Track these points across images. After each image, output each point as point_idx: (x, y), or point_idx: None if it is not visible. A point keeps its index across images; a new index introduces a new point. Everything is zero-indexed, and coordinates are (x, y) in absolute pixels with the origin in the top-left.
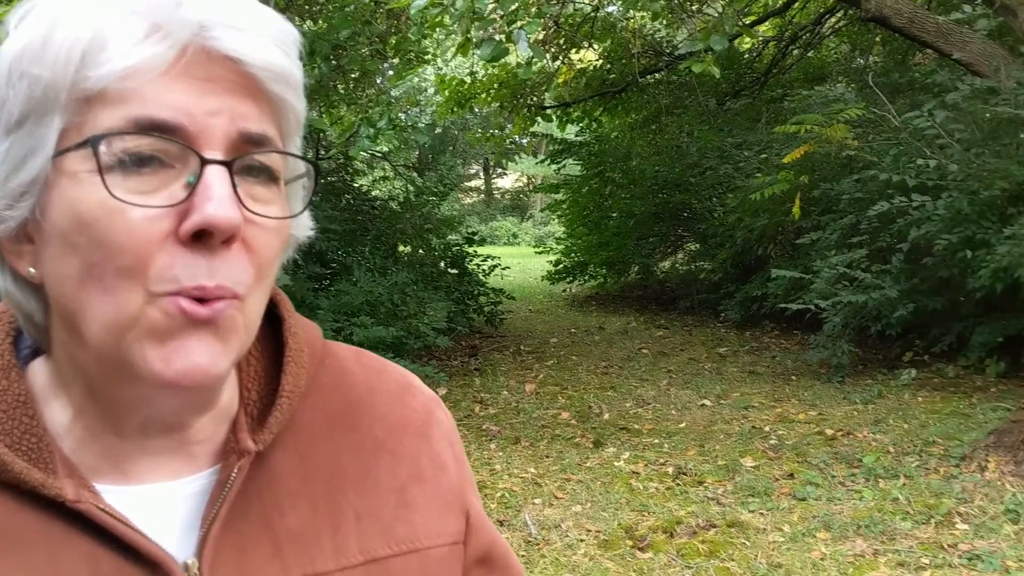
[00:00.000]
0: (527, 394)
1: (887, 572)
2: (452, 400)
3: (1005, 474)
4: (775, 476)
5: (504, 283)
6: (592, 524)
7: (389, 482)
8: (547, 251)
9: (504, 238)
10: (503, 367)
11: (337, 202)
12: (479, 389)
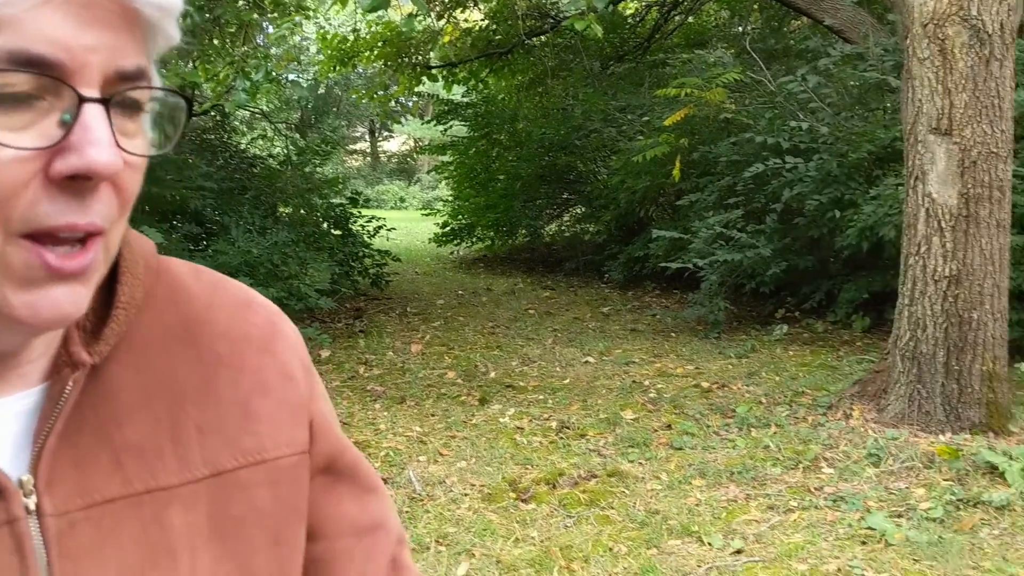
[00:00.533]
0: (413, 355)
1: (758, 515)
2: (336, 362)
3: (868, 421)
4: (654, 427)
5: (391, 246)
6: (476, 479)
7: (231, 395)
8: (434, 214)
9: (391, 202)
10: (389, 329)
11: (213, 159)
12: (364, 351)
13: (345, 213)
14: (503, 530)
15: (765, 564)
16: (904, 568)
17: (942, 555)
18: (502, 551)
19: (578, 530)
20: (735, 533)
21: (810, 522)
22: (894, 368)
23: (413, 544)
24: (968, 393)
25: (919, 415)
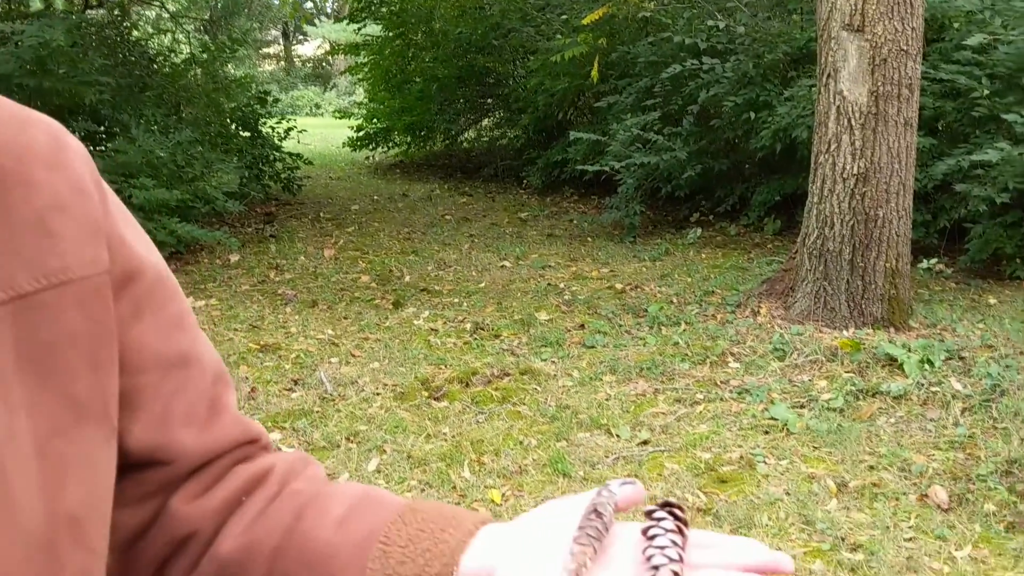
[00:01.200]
0: (326, 259)
1: (665, 408)
2: (246, 266)
3: (775, 318)
4: (567, 328)
5: (304, 151)
6: (389, 379)
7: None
8: (349, 117)
9: (306, 108)
10: (301, 234)
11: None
12: (275, 256)
13: (253, 114)
14: (415, 427)
15: (670, 453)
16: (804, 455)
17: (840, 442)
18: (413, 447)
19: (490, 425)
20: (642, 425)
21: (715, 414)
22: (801, 266)
23: (324, 442)
24: (872, 289)
25: (824, 311)
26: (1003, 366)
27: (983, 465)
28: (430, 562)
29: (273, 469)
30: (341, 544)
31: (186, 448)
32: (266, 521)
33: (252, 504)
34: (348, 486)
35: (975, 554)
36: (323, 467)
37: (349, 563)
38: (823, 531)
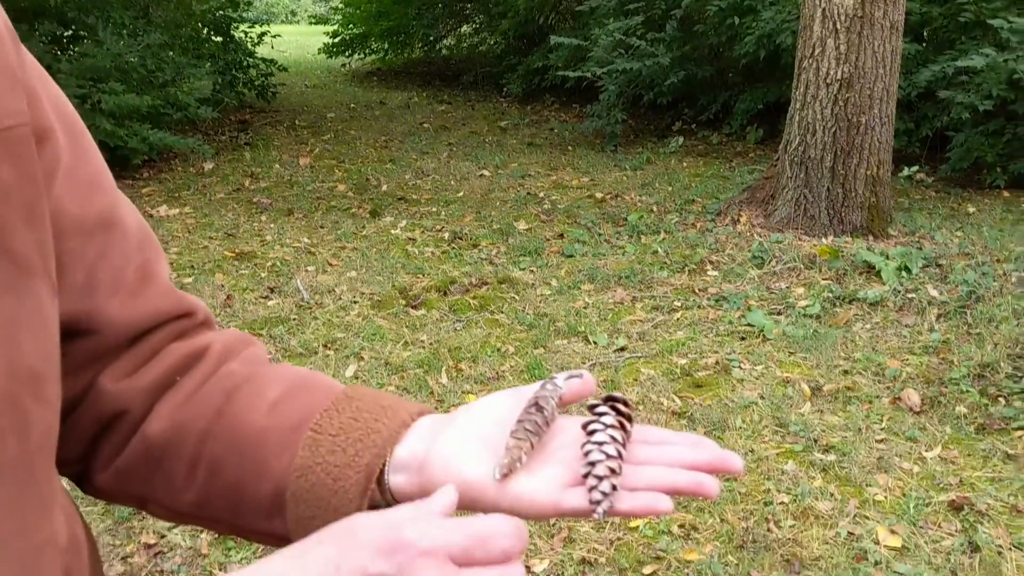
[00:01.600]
0: (302, 168)
1: (643, 316)
2: (220, 174)
3: (754, 226)
4: (546, 237)
5: (279, 58)
6: (366, 287)
7: None
8: (325, 23)
9: (282, 15)
10: (276, 142)
11: None
12: (250, 163)
13: (226, 18)
14: (392, 334)
15: (647, 359)
16: (779, 360)
17: (816, 347)
18: (391, 354)
19: (467, 333)
20: (620, 332)
21: (692, 320)
22: (783, 174)
23: (300, 349)
24: (852, 197)
25: (804, 219)
26: (979, 273)
27: (956, 369)
28: (361, 452)
29: (210, 348)
30: (271, 430)
31: (113, 318)
32: (197, 402)
33: (185, 384)
34: (286, 369)
35: (945, 454)
36: (264, 348)
37: (278, 450)
38: (796, 433)
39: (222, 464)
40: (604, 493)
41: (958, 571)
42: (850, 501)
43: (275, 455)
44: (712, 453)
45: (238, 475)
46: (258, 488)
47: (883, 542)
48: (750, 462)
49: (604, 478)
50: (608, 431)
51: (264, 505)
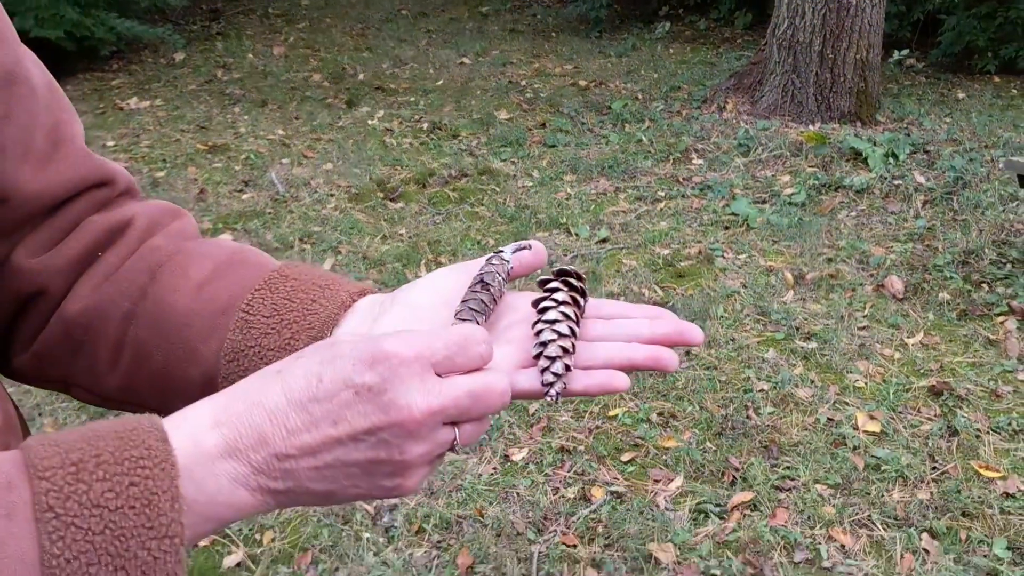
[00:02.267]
0: (275, 58)
1: (626, 206)
2: (192, 65)
3: (741, 113)
4: (528, 126)
5: None
6: (343, 180)
7: None
8: None
9: None
10: (249, 31)
11: None
12: (222, 53)
13: None
14: (370, 228)
15: (629, 251)
16: (763, 249)
17: (800, 235)
18: (369, 247)
19: (447, 226)
20: (602, 223)
21: (676, 210)
22: (770, 59)
23: (277, 243)
24: (840, 82)
25: (791, 105)
26: (967, 159)
27: (940, 256)
28: (297, 335)
29: (133, 221)
30: (199, 311)
31: (24, 186)
32: (119, 281)
33: (106, 261)
34: (216, 244)
35: (926, 341)
36: (194, 221)
37: (207, 333)
38: (778, 321)
39: (147, 348)
40: (556, 374)
41: (935, 454)
42: (830, 388)
43: (203, 339)
44: (670, 325)
45: (165, 360)
46: (187, 373)
47: (862, 427)
48: (730, 351)
49: (556, 359)
50: (560, 308)
51: (195, 391)
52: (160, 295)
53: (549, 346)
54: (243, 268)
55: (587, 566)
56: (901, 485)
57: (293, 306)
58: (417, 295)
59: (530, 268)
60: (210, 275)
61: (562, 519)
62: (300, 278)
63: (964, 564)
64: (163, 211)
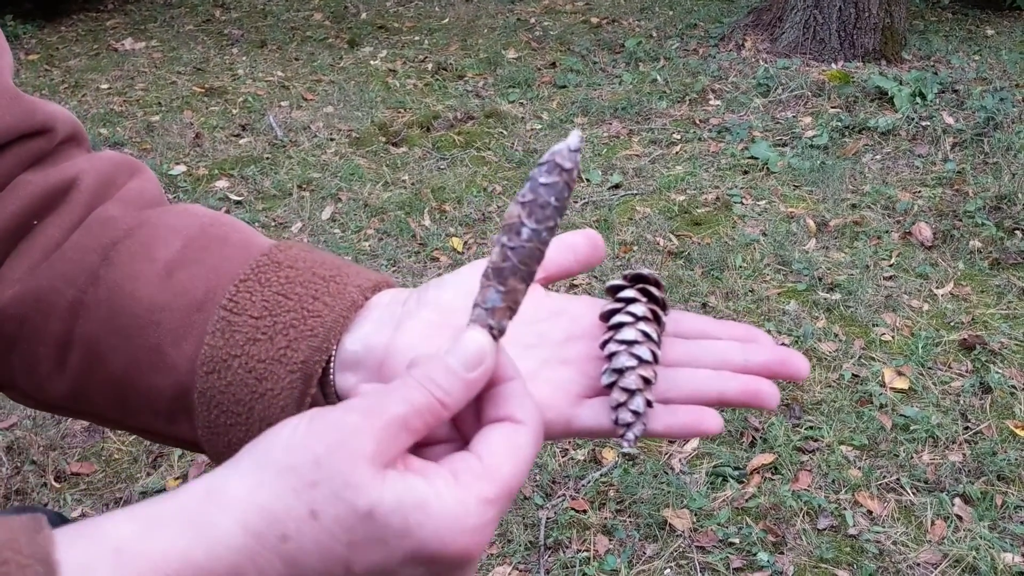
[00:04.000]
0: None
1: (639, 150)
2: (189, 5)
3: (760, 52)
4: (537, 66)
5: None
6: (344, 123)
7: None
8: None
9: None
10: None
11: None
12: None
13: None
14: (372, 174)
15: (643, 197)
16: (784, 194)
17: (823, 180)
18: (370, 194)
19: (452, 172)
20: (615, 168)
21: (692, 154)
22: None
23: (275, 190)
24: (865, 18)
25: (813, 43)
26: (998, 99)
27: (971, 201)
28: (295, 343)
29: (78, 181)
30: (168, 305)
31: None
32: (62, 262)
33: (44, 234)
34: (186, 213)
35: (957, 291)
36: (154, 177)
37: (178, 333)
38: (799, 271)
39: (102, 349)
40: (636, 413)
41: (968, 413)
42: (855, 342)
43: (173, 342)
44: (769, 353)
45: (125, 365)
46: (154, 383)
47: (889, 384)
48: (749, 303)
49: (636, 392)
50: (639, 325)
51: (162, 404)
52: (117, 282)
53: (626, 375)
54: (223, 248)
55: (597, 532)
56: (931, 446)
57: (289, 304)
58: (449, 296)
59: (588, 263)
60: (180, 256)
61: (571, 483)
62: (297, 266)
63: (1000, 532)
64: (116, 167)
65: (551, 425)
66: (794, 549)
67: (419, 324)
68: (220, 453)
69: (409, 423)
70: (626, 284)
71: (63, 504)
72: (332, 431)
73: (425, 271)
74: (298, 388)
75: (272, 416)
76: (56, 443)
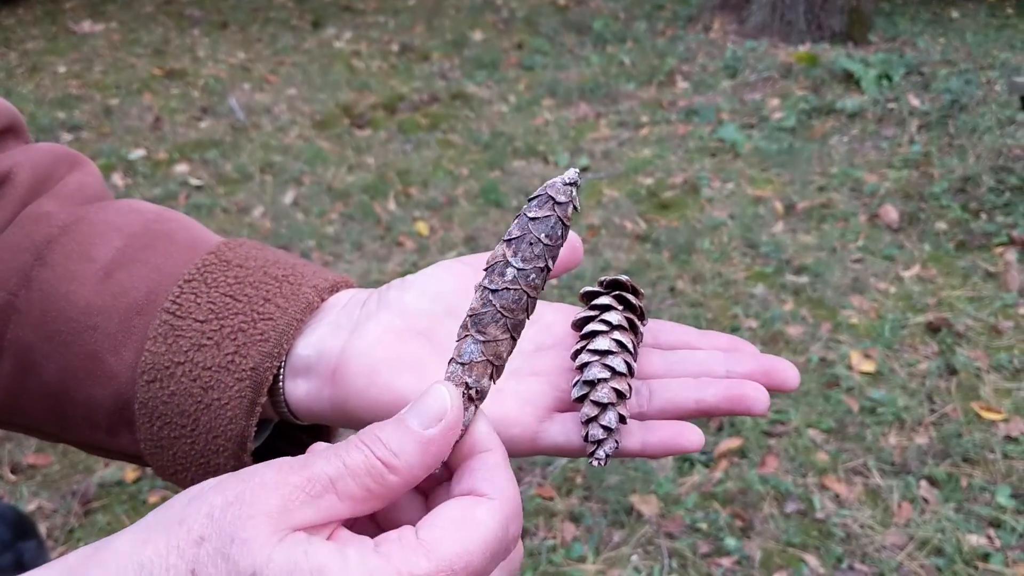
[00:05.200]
0: None
1: (607, 132)
2: None
3: (728, 33)
4: (504, 48)
5: None
6: (307, 106)
7: None
8: None
9: None
10: None
11: None
12: None
13: None
14: (335, 157)
15: (611, 180)
16: (751, 177)
17: (790, 163)
18: (334, 178)
19: (417, 155)
20: (582, 151)
21: (660, 137)
22: None
23: (236, 174)
24: (832, 0)
25: (780, 25)
26: (963, 81)
27: (937, 183)
28: (243, 349)
29: (12, 174)
30: (105, 309)
31: None
32: None
33: None
34: (128, 209)
35: (923, 274)
36: (96, 171)
37: (117, 340)
38: (767, 254)
39: (34, 356)
40: (607, 428)
41: (934, 395)
42: (823, 325)
43: (112, 348)
44: (752, 362)
45: (61, 374)
46: (92, 393)
47: (856, 367)
48: (717, 286)
49: (608, 407)
50: (613, 334)
51: (102, 416)
52: (51, 284)
53: (598, 387)
54: (167, 245)
55: (565, 519)
56: (898, 429)
57: (238, 307)
58: (412, 298)
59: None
60: (120, 255)
61: (538, 469)
62: (247, 265)
63: (965, 513)
64: (55, 159)
65: (516, 442)
66: (761, 534)
67: (378, 328)
68: (164, 467)
69: (339, 486)
70: (601, 291)
71: (19, 497)
72: (237, 484)
73: (390, 256)
74: (247, 397)
75: (219, 428)
76: (11, 435)
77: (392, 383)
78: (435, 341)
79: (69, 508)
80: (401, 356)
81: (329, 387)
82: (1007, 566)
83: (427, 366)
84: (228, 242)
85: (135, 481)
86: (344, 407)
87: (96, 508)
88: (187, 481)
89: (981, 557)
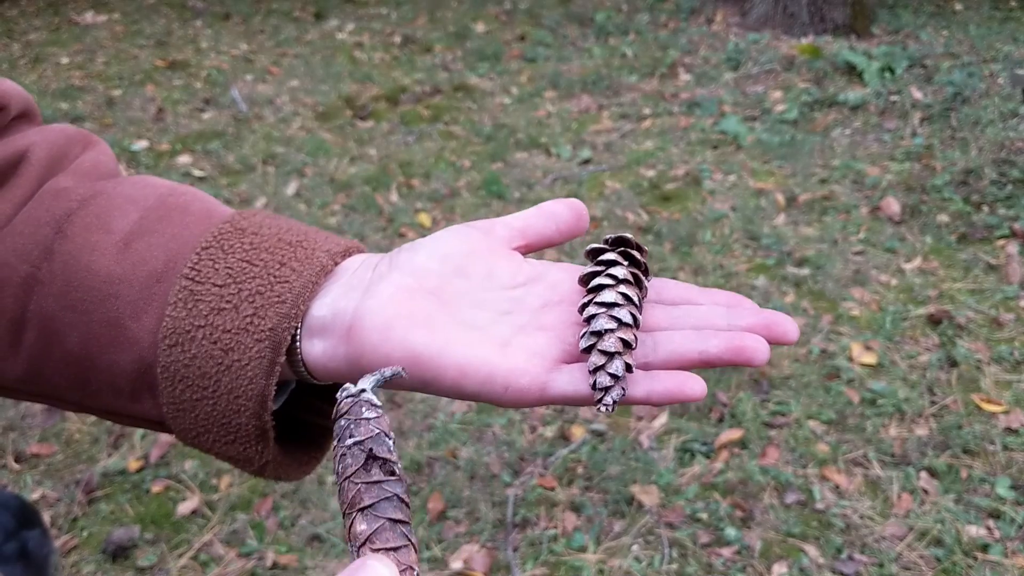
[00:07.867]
0: None
1: (609, 124)
2: None
3: (730, 25)
4: (506, 40)
5: None
6: (309, 97)
7: None
8: None
9: None
10: None
11: None
12: None
13: None
14: (338, 148)
15: (613, 172)
16: (753, 169)
17: (792, 155)
18: (336, 169)
19: (419, 146)
20: (584, 143)
21: (662, 129)
22: None
23: (238, 165)
24: None
25: (783, 17)
26: (966, 74)
27: (939, 176)
28: (261, 311)
29: (29, 154)
30: (126, 277)
31: None
32: (13, 236)
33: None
34: (143, 183)
35: (924, 266)
36: (109, 149)
37: (138, 306)
38: (768, 246)
39: (58, 326)
40: (614, 376)
41: (935, 387)
42: (824, 317)
43: (133, 315)
44: (754, 316)
45: (83, 342)
46: (114, 359)
47: (857, 359)
48: (719, 278)
49: (615, 355)
50: (619, 288)
51: (125, 383)
52: (72, 255)
53: (605, 338)
54: (183, 217)
55: (565, 509)
56: (898, 421)
57: (255, 271)
58: (422, 259)
59: (570, 233)
60: (138, 227)
61: (539, 460)
62: (262, 232)
63: (965, 504)
64: (69, 139)
65: (525, 392)
66: (762, 524)
67: (390, 287)
68: (187, 430)
69: None
70: (607, 247)
71: (23, 486)
72: None
73: (393, 247)
74: (266, 357)
75: (240, 388)
76: (15, 424)
77: (406, 338)
78: (444, 299)
79: (72, 497)
80: (413, 313)
81: (344, 345)
82: (1006, 556)
83: (437, 322)
84: (242, 212)
85: (138, 471)
86: (359, 363)
87: (99, 497)
88: (208, 443)
89: (980, 548)
